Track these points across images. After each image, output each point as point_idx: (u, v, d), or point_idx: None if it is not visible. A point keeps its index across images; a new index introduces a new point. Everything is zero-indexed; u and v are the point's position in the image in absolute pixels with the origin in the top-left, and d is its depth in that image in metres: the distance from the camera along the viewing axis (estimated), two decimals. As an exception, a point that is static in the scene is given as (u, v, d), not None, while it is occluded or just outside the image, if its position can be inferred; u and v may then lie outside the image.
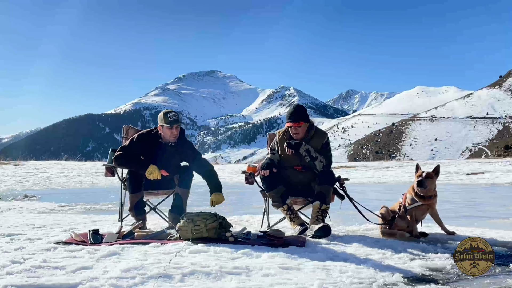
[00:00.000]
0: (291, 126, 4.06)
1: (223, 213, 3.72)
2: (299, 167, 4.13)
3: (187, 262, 2.74)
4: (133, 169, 4.12)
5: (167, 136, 4.15)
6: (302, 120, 4.04)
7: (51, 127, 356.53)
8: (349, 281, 2.43)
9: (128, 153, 4.15)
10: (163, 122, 4.13)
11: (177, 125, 4.13)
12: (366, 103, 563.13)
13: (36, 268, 2.58)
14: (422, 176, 3.82)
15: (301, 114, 4.07)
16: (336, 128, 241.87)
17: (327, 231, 3.73)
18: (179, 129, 4.18)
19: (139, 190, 4.12)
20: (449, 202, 7.32)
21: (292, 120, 4.04)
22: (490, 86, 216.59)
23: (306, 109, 4.18)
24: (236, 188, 10.83)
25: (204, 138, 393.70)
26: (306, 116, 4.09)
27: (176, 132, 4.14)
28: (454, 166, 17.08)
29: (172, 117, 4.11)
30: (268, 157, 4.27)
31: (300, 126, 4.06)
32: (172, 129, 4.12)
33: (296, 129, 4.07)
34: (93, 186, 11.39)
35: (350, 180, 4.75)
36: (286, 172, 4.15)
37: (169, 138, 4.16)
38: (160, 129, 4.18)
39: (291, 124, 4.05)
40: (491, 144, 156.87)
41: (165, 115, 4.14)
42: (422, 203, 3.84)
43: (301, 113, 4.07)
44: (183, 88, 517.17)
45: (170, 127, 4.11)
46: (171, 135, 4.13)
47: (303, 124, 4.05)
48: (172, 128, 4.11)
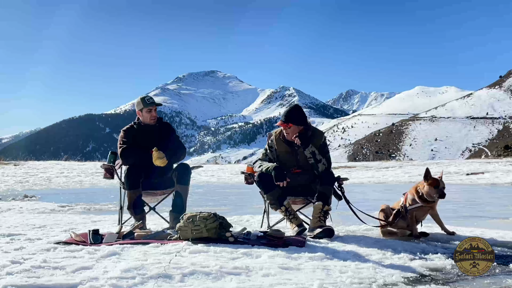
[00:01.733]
0: (280, 125, 4.04)
1: (223, 213, 3.72)
2: (297, 170, 4.08)
3: (187, 262, 2.74)
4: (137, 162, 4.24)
5: (147, 119, 4.37)
6: (292, 122, 3.96)
7: (51, 127, 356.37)
8: (349, 281, 2.43)
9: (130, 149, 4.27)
10: (141, 106, 4.35)
11: (155, 107, 4.38)
12: (366, 103, 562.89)
13: (36, 268, 2.58)
14: (443, 186, 3.75)
15: (294, 115, 3.99)
16: (336, 128, 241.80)
17: (329, 234, 3.73)
18: (156, 111, 4.41)
19: (137, 187, 4.16)
20: (449, 202, 7.31)
21: (283, 120, 4.01)
22: (490, 86, 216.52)
23: (303, 110, 4.09)
24: (236, 188, 10.83)
25: (204, 138, 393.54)
26: (299, 119, 3.99)
27: (155, 114, 4.39)
28: (454, 166, 17.08)
29: (149, 100, 4.39)
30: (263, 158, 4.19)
31: (290, 128, 3.99)
32: (151, 112, 4.35)
33: (286, 129, 4.03)
34: (93, 186, 11.39)
35: (350, 180, 4.75)
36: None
37: (149, 121, 4.37)
38: (139, 114, 4.41)
39: (279, 124, 4.04)
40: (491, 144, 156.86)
41: (142, 99, 4.39)
42: (425, 205, 3.82)
43: (293, 114, 4.00)
44: (183, 88, 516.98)
45: (149, 110, 4.34)
46: (151, 117, 4.37)
47: (292, 126, 3.98)
48: (151, 111, 4.35)
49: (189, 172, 4.34)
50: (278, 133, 4.19)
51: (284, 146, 4.11)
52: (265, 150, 4.23)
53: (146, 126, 4.38)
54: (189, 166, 4.38)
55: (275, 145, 4.16)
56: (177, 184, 4.28)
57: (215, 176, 14.89)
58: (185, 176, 4.31)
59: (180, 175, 4.28)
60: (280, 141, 4.13)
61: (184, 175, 4.30)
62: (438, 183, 3.74)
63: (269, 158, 4.18)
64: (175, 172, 4.30)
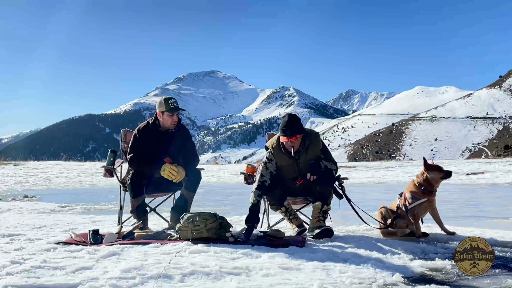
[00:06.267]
0: (287, 141, 3.80)
1: (223, 213, 3.72)
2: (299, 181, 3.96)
3: (187, 262, 2.74)
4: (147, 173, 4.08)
5: (167, 123, 4.13)
6: (298, 133, 3.81)
7: (51, 127, 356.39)
8: (349, 281, 2.43)
9: (139, 157, 4.09)
10: (163, 108, 4.10)
11: (177, 112, 4.14)
12: (366, 103, 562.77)
13: (36, 268, 2.58)
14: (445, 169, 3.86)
15: (296, 126, 3.82)
16: (336, 128, 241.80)
17: (329, 234, 3.73)
18: (178, 116, 4.19)
19: (140, 194, 4.07)
20: (449, 202, 7.31)
21: (288, 134, 3.78)
22: (490, 86, 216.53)
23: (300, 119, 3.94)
24: (236, 188, 10.83)
25: (204, 138, 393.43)
26: (301, 127, 3.85)
27: (176, 119, 4.15)
28: (454, 166, 17.06)
29: (174, 104, 4.12)
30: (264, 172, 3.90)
31: (297, 139, 3.85)
32: (173, 116, 4.12)
33: (292, 142, 3.83)
34: (93, 187, 11.38)
35: (350, 180, 4.75)
36: (284, 183, 4.01)
37: (169, 125, 4.14)
38: (159, 116, 4.16)
39: (287, 139, 3.79)
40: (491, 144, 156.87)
41: (166, 101, 4.11)
42: (425, 199, 3.84)
43: (295, 126, 3.82)
44: (183, 88, 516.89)
45: (171, 114, 4.10)
46: (172, 122, 4.13)
47: (299, 136, 3.84)
48: (173, 115, 4.11)
49: (199, 180, 4.17)
50: (276, 144, 3.96)
51: (285, 158, 3.94)
52: (265, 163, 3.95)
53: (164, 129, 4.15)
54: (200, 174, 4.21)
55: (275, 157, 3.96)
56: (184, 188, 4.13)
57: (215, 176, 14.88)
58: (195, 184, 4.14)
59: (189, 181, 4.10)
60: (279, 152, 3.93)
61: (194, 182, 4.13)
62: (439, 166, 3.85)
63: (270, 171, 3.93)
64: (185, 177, 4.10)
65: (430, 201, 3.87)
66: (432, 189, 3.85)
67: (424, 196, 3.84)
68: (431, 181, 3.84)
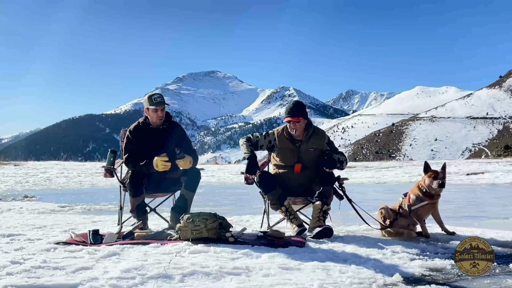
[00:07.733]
0: (290, 121, 4.01)
1: (223, 213, 3.72)
2: (298, 169, 4.07)
3: (187, 262, 2.74)
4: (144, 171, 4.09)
5: (153, 119, 4.17)
6: (301, 115, 4.00)
7: (51, 127, 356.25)
8: (349, 281, 2.43)
9: (134, 157, 4.12)
10: (148, 104, 4.16)
11: (162, 107, 4.16)
12: (366, 103, 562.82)
13: (36, 268, 2.58)
14: (443, 177, 3.80)
15: (300, 109, 4.03)
16: (336, 128, 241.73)
17: (328, 234, 3.73)
18: (164, 111, 4.20)
19: (140, 194, 4.08)
20: (449, 202, 7.31)
21: (291, 114, 3.98)
22: (490, 86, 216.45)
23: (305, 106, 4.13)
24: (236, 188, 10.83)
25: (204, 138, 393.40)
26: (305, 113, 4.05)
27: (161, 114, 4.16)
28: (454, 166, 17.06)
29: (157, 99, 4.15)
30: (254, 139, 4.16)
31: (299, 122, 4.01)
32: (157, 111, 4.14)
33: (294, 124, 4.00)
34: (93, 187, 11.39)
35: (350, 180, 4.75)
36: (284, 175, 4.11)
37: (155, 121, 4.18)
38: (146, 112, 4.22)
39: (290, 119, 3.99)
40: (491, 144, 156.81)
41: (150, 97, 4.17)
42: (428, 202, 3.84)
43: (300, 109, 4.03)
44: (183, 88, 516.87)
45: (155, 109, 4.13)
46: (157, 117, 4.15)
47: (302, 119, 4.01)
48: (157, 111, 4.13)
49: (198, 180, 4.19)
50: (282, 129, 4.18)
51: (287, 143, 4.10)
52: (261, 134, 4.22)
53: (155, 126, 4.20)
54: (200, 174, 4.22)
55: (277, 141, 4.14)
56: (184, 188, 4.14)
57: (215, 176, 14.88)
58: (195, 183, 4.16)
59: (189, 180, 4.13)
60: (283, 137, 4.12)
61: (193, 181, 4.15)
62: (437, 174, 3.81)
63: (260, 145, 4.17)
64: (184, 177, 4.14)
65: (433, 204, 3.88)
66: (433, 195, 3.84)
67: (427, 199, 3.84)
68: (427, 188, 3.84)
